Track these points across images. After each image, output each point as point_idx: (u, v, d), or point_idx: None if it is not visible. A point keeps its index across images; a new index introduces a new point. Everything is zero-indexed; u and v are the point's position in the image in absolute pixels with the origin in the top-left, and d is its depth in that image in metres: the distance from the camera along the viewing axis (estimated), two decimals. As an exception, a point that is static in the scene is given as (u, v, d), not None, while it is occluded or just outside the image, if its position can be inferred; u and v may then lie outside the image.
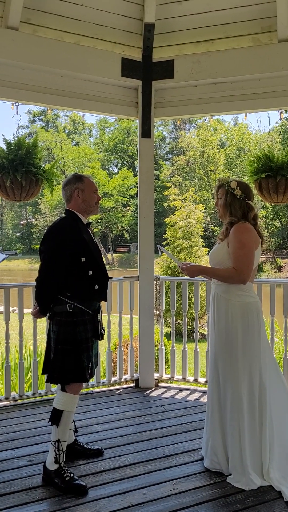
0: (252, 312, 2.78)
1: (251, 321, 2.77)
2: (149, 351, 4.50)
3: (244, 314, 2.77)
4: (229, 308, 2.79)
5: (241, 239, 2.71)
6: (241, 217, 2.79)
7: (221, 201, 2.87)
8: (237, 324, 2.76)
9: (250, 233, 2.75)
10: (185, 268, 2.94)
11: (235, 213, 2.80)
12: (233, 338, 2.76)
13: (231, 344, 2.77)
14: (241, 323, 2.76)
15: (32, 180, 3.64)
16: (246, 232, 2.74)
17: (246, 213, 2.81)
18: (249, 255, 2.72)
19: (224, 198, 2.84)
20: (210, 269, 2.90)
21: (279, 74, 4.00)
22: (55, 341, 2.72)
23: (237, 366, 2.74)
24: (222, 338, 2.82)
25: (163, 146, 52.01)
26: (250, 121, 58.69)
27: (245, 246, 2.71)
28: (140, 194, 4.50)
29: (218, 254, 2.86)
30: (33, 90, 3.96)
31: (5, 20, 3.72)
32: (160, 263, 12.54)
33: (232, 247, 2.73)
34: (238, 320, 2.76)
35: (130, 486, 2.70)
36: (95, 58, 4.07)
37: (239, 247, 2.70)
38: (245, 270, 2.70)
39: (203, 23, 4.17)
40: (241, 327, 2.76)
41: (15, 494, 2.62)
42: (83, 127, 56.90)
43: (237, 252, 2.71)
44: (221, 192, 2.88)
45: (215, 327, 2.87)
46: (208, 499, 2.57)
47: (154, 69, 4.28)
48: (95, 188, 2.91)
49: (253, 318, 2.77)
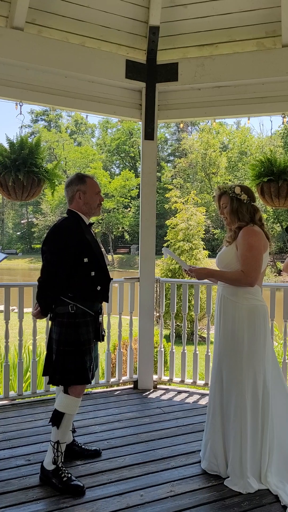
0: (259, 315, 2.78)
1: (258, 325, 2.76)
2: (148, 353, 4.51)
3: (251, 317, 2.76)
4: (236, 311, 2.79)
5: (250, 242, 2.71)
6: (249, 221, 2.80)
7: (227, 209, 2.85)
8: (243, 327, 2.76)
9: (259, 236, 2.74)
10: (194, 270, 2.94)
11: (243, 218, 2.80)
12: (239, 341, 2.76)
13: (236, 347, 2.77)
14: (248, 327, 2.75)
15: (34, 180, 3.64)
16: (255, 235, 2.74)
17: (253, 216, 2.82)
18: (258, 258, 2.72)
19: (230, 205, 2.83)
20: (218, 272, 2.89)
21: (283, 78, 4.01)
22: (57, 342, 2.71)
23: (242, 369, 2.74)
24: (228, 340, 2.82)
25: (165, 148, 52.07)
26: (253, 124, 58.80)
27: (254, 249, 2.71)
28: (142, 195, 4.51)
29: (226, 257, 2.85)
30: (37, 91, 3.96)
31: (11, 20, 3.73)
32: (161, 265, 12.55)
33: (241, 250, 2.73)
34: (244, 323, 2.76)
35: (128, 488, 2.70)
36: (100, 60, 4.08)
37: (247, 250, 2.71)
38: (253, 273, 2.70)
39: (208, 26, 4.18)
40: (247, 331, 2.75)
41: (12, 494, 2.62)
42: (86, 127, 56.93)
43: (246, 255, 2.71)
44: (225, 200, 2.87)
45: (221, 329, 2.87)
46: (205, 501, 2.57)
47: (158, 72, 4.29)
48: (97, 189, 2.88)
49: (260, 321, 2.77)
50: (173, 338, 4.64)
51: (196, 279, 2.98)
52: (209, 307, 4.46)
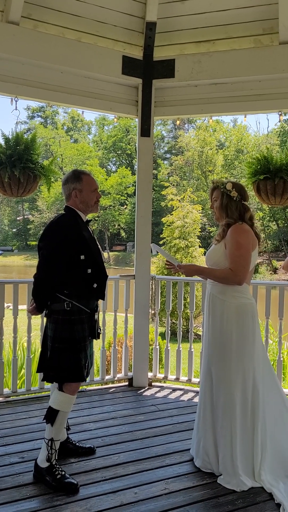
0: (247, 314, 2.78)
1: (246, 323, 2.76)
2: (143, 350, 4.50)
3: (239, 315, 2.76)
4: (224, 309, 2.79)
5: (238, 240, 2.71)
6: (238, 218, 2.79)
7: (217, 203, 2.86)
8: (232, 326, 2.76)
9: (247, 234, 2.74)
10: (182, 267, 2.94)
11: (232, 215, 2.79)
12: (227, 339, 2.76)
13: (225, 345, 2.77)
14: (236, 325, 2.75)
15: (30, 176, 3.62)
16: (243, 233, 2.73)
17: (243, 214, 2.81)
18: (246, 256, 2.72)
19: (220, 200, 2.83)
20: (207, 269, 2.89)
21: (280, 76, 4.00)
22: (52, 339, 2.69)
23: (231, 367, 2.74)
24: (216, 339, 2.82)
25: (161, 146, 51.99)
26: (249, 122, 58.69)
27: (242, 247, 2.71)
28: (138, 193, 4.49)
29: (215, 255, 2.85)
30: (33, 86, 3.94)
31: (6, 14, 3.70)
32: (156, 263, 12.54)
33: (229, 248, 2.73)
34: (233, 322, 2.76)
35: (122, 485, 2.69)
36: (96, 55, 4.05)
37: (236, 248, 2.70)
38: (241, 271, 2.70)
39: (205, 23, 4.17)
40: (236, 329, 2.75)
41: (5, 491, 2.61)
42: (82, 124, 56.76)
43: (234, 253, 2.70)
44: (216, 195, 2.87)
45: (210, 327, 2.87)
46: (199, 499, 2.57)
47: (155, 68, 4.27)
48: (94, 186, 2.85)
49: (248, 320, 2.77)
50: (168, 335, 4.63)
51: (184, 275, 2.98)
52: (204, 305, 4.45)
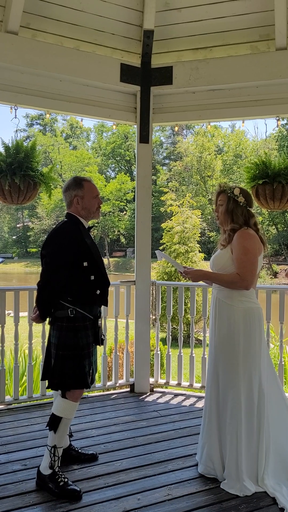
0: (254, 318, 2.78)
1: (253, 328, 2.76)
2: (144, 356, 4.50)
3: (246, 320, 2.76)
4: (231, 314, 2.78)
5: (245, 245, 2.72)
6: (243, 224, 2.80)
7: (223, 208, 2.85)
8: (239, 330, 2.75)
9: (254, 239, 2.75)
10: (189, 272, 2.93)
11: (237, 220, 2.80)
12: (234, 344, 2.76)
13: (232, 350, 2.76)
14: (243, 329, 2.75)
15: (30, 184, 3.64)
16: (250, 239, 2.74)
17: (248, 220, 2.82)
18: (253, 261, 2.72)
19: (226, 204, 2.84)
20: (214, 274, 2.88)
21: (277, 81, 4.04)
22: (56, 346, 2.69)
23: (238, 372, 2.74)
24: (223, 343, 2.81)
25: (160, 151, 52.13)
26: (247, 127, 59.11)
27: (249, 252, 2.71)
28: (137, 199, 4.51)
29: (221, 260, 2.85)
30: (32, 94, 3.97)
31: (5, 24, 3.74)
32: (157, 268, 12.57)
33: (236, 253, 2.73)
34: (240, 326, 2.75)
35: (125, 491, 2.69)
36: (94, 64, 4.09)
37: (243, 253, 2.71)
38: (248, 276, 2.70)
39: (202, 30, 4.21)
40: (243, 333, 2.75)
41: (8, 499, 2.60)
42: (81, 131, 56.94)
43: (241, 258, 2.71)
44: (223, 198, 2.87)
45: (216, 332, 2.86)
46: (203, 505, 2.56)
47: (153, 75, 4.30)
48: (95, 193, 2.86)
49: (255, 324, 2.77)
50: (169, 341, 4.63)
51: (191, 281, 2.97)
52: (205, 310, 4.46)
